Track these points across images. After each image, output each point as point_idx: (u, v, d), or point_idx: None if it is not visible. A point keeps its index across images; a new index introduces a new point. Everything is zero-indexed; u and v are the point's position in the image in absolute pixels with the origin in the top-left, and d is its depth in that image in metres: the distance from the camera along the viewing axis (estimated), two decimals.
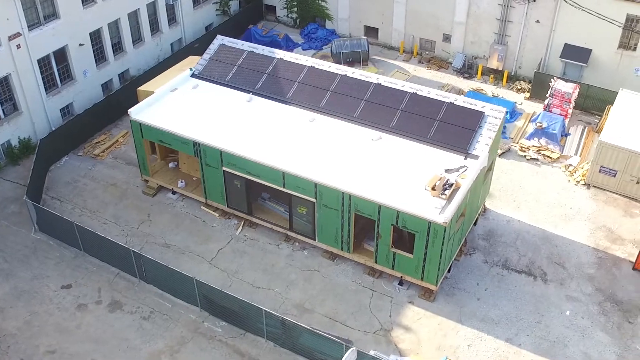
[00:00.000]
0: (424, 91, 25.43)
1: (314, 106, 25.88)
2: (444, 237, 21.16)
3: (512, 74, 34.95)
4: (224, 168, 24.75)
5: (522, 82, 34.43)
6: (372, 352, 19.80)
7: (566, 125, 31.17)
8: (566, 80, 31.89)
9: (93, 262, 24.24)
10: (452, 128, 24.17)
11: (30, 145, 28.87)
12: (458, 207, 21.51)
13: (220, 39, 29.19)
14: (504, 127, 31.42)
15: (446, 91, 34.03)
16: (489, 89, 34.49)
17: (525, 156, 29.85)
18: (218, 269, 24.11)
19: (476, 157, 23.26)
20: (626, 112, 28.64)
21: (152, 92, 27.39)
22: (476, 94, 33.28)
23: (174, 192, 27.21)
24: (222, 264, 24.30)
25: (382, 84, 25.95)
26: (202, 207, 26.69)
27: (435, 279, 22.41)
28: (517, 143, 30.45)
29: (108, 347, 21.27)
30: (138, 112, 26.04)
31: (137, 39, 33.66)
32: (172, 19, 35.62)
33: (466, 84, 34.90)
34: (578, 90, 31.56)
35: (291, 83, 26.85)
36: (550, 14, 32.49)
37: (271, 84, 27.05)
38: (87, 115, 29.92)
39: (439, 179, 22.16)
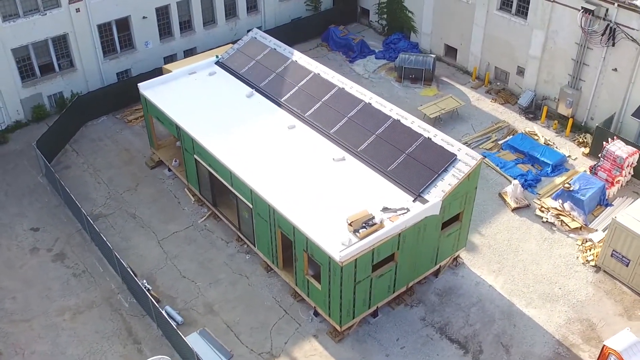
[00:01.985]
0: (408, 120, 23.47)
1: (301, 113, 25.20)
2: (341, 277, 19.61)
3: (583, 124, 30.42)
4: (195, 156, 25.30)
5: (588, 134, 29.82)
6: None
7: (609, 193, 26.57)
8: (628, 143, 27.08)
9: (67, 215, 26.37)
10: (416, 165, 22.04)
11: None
12: (371, 249, 19.71)
13: (254, 32, 29.53)
14: (536, 180, 27.69)
15: (497, 129, 30.88)
16: (548, 135, 30.42)
17: (542, 217, 26.09)
18: (161, 250, 24.81)
19: (425, 202, 21.04)
20: None
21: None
22: (526, 138, 29.59)
23: (169, 170, 28.43)
24: (168, 246, 24.95)
25: (373, 104, 24.42)
26: (185, 189, 27.57)
27: (338, 318, 20.84)
28: (541, 200, 26.69)
29: (31, 291, 23.12)
30: (147, 88, 27.47)
31: (209, 20, 35.21)
32: (252, 7, 36.62)
33: (525, 125, 31.14)
34: (636, 156, 26.68)
35: (292, 86, 26.37)
36: (631, 63, 27.62)
37: (275, 84, 26.82)
38: (135, 82, 32.14)
39: (364, 216, 20.45)
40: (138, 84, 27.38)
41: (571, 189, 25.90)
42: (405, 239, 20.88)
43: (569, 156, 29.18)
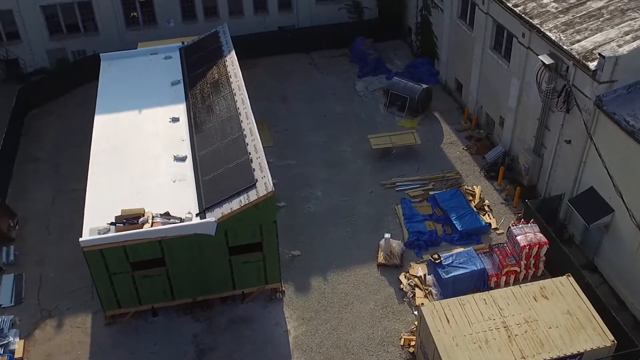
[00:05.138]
0: (251, 137, 22.36)
1: (193, 107, 25.37)
2: (87, 261, 19.95)
3: (541, 197, 25.12)
4: None
5: None
6: None
7: (495, 282, 21.98)
8: (543, 230, 22.03)
9: None
10: (224, 181, 21.17)
11: None
12: (121, 245, 19.63)
13: (220, 27, 30.02)
14: (433, 243, 24.04)
15: (442, 178, 27.15)
16: (494, 199, 25.86)
17: (401, 283, 22.68)
18: None
19: (203, 219, 20.13)
20: None
21: None
22: (457, 196, 25.55)
23: None
24: None
25: (240, 116, 23.64)
26: None
27: (100, 302, 21.20)
28: (412, 265, 23.14)
29: None
30: (108, 58, 29.70)
31: (237, 10, 36.21)
32: (286, 5, 36.69)
33: (478, 182, 26.78)
34: (543, 249, 21.66)
35: (205, 82, 26.54)
36: (583, 137, 22.20)
37: (197, 77, 27.25)
38: None
39: (134, 214, 20.24)
40: (101, 54, 29.69)
41: (438, 261, 22.11)
42: (172, 249, 20.28)
43: (495, 228, 24.65)
